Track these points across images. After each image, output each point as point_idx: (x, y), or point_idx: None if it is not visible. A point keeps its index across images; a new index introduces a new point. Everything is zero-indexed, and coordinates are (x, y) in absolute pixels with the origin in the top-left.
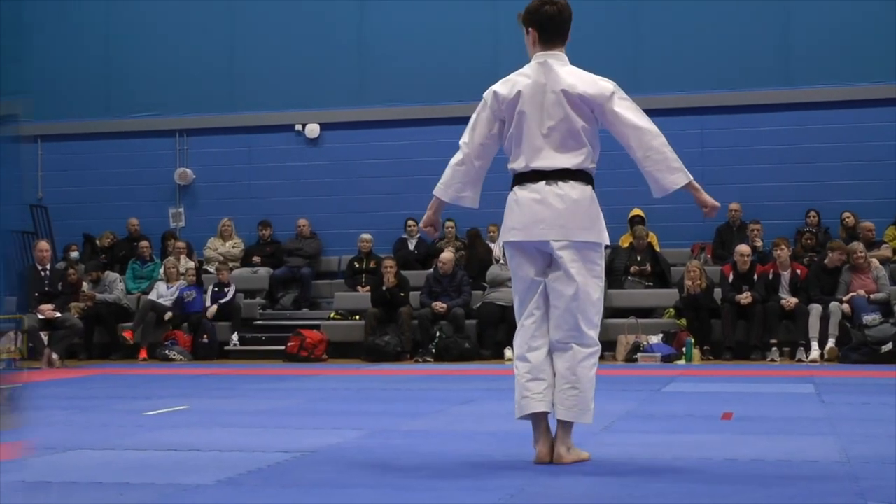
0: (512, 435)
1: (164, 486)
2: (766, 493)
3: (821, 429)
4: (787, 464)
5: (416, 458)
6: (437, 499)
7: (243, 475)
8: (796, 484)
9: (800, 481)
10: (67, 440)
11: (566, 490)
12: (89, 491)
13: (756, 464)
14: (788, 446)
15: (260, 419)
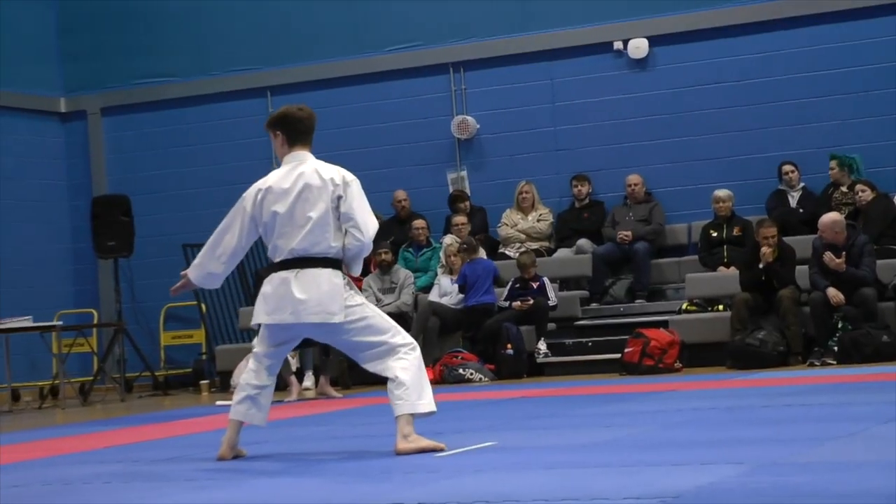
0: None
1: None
2: None
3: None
4: None
5: (829, 500)
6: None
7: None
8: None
9: None
10: (342, 494)
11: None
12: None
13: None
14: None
15: (595, 455)
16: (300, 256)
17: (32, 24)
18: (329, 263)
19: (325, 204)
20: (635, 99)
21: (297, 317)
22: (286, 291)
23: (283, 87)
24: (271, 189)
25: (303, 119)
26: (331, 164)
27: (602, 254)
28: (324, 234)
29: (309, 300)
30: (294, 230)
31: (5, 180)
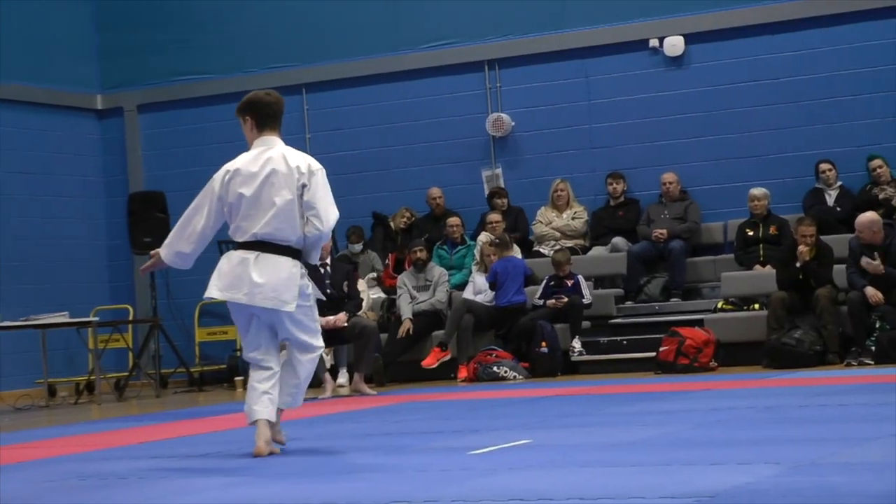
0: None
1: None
2: None
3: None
4: None
5: (867, 501)
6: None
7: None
8: None
9: None
10: (375, 492)
11: None
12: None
13: None
14: None
15: (630, 454)
16: (263, 240)
17: (70, 22)
18: (289, 252)
19: (290, 191)
20: (671, 97)
21: (250, 298)
22: (243, 272)
23: (318, 85)
24: (239, 171)
25: (270, 104)
26: (298, 151)
27: (637, 252)
28: (288, 221)
29: (265, 284)
30: (259, 214)
31: (43, 176)
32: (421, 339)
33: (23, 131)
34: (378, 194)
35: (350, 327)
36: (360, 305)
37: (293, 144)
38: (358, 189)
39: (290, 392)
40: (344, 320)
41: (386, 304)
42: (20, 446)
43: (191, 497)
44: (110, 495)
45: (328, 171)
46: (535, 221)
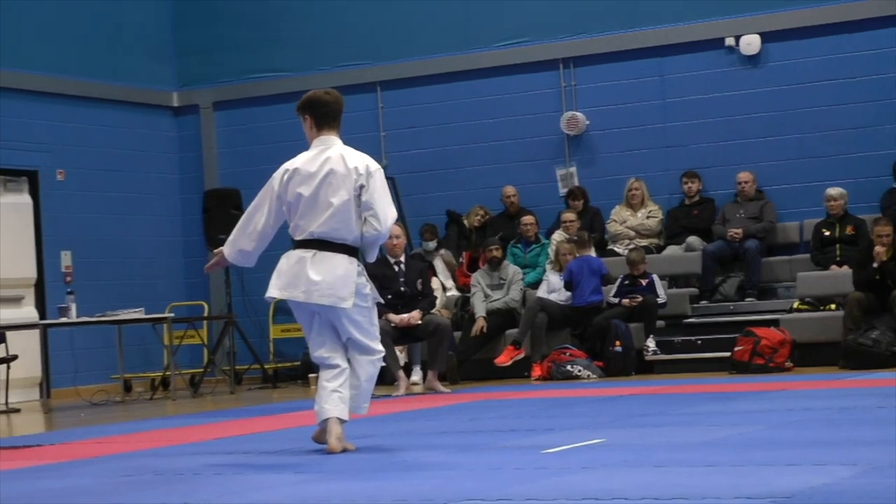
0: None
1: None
2: None
3: None
4: None
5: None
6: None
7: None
8: None
9: None
10: (448, 489)
11: None
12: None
13: None
14: None
15: (705, 454)
16: (320, 239)
17: (147, 20)
18: (346, 250)
19: (348, 192)
20: (747, 95)
21: (308, 296)
22: (301, 270)
23: (392, 83)
24: (298, 171)
25: (329, 103)
26: (356, 150)
27: (712, 251)
28: (344, 220)
29: (322, 282)
30: (316, 214)
31: (120, 173)
32: (494, 337)
33: (100, 128)
34: (452, 192)
35: (424, 325)
36: (434, 303)
37: (368, 142)
38: (432, 187)
39: (351, 395)
40: (418, 318)
41: (460, 302)
42: (96, 441)
43: (264, 493)
44: (184, 490)
45: (402, 170)
46: (610, 220)
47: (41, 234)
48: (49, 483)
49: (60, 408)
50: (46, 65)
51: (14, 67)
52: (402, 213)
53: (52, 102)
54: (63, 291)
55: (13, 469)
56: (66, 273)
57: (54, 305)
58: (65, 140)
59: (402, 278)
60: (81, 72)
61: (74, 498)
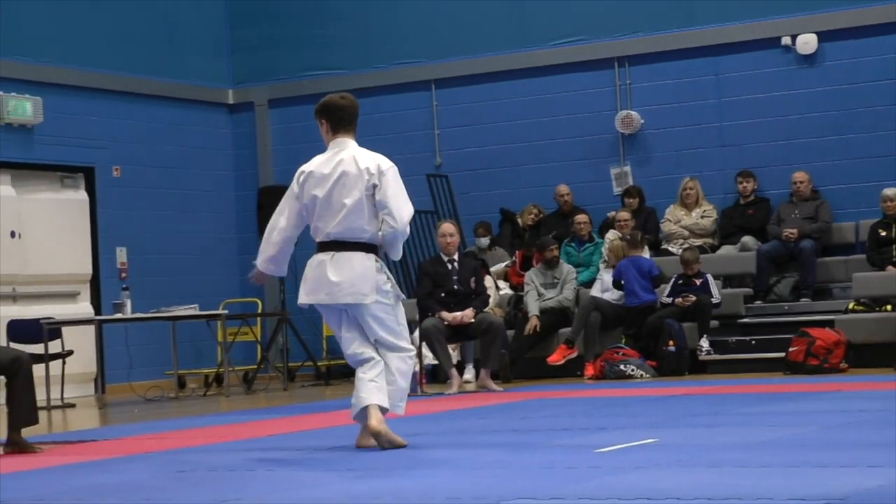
0: None
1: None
2: None
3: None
4: None
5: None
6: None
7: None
8: None
9: None
10: (501, 488)
11: None
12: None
13: None
14: None
15: (758, 454)
16: (336, 240)
17: (203, 18)
18: (364, 248)
19: (360, 192)
20: (803, 95)
21: (332, 298)
22: (322, 273)
23: (446, 81)
24: (312, 173)
25: (345, 107)
26: (372, 152)
27: (767, 251)
28: (358, 220)
29: (342, 282)
30: (331, 214)
31: (174, 170)
32: (547, 336)
33: (156, 125)
34: (506, 191)
35: (477, 323)
36: (487, 301)
37: (421, 140)
38: (486, 185)
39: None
40: (471, 316)
41: (513, 301)
42: (149, 437)
43: (315, 490)
44: (236, 487)
45: (456, 168)
46: (664, 220)
47: (97, 231)
48: (103, 478)
49: (115, 403)
50: (103, 62)
51: (71, 65)
52: (455, 211)
53: (108, 99)
54: (118, 287)
55: (68, 464)
56: (121, 269)
57: (109, 301)
58: (121, 137)
59: (456, 276)
60: (138, 69)
61: (128, 493)
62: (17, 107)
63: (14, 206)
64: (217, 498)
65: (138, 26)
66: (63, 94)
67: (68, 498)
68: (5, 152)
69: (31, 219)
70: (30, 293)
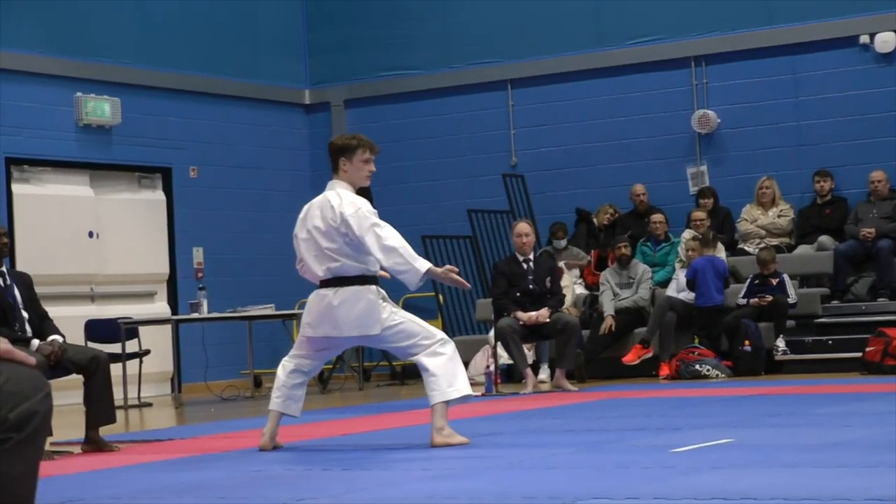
0: None
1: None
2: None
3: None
4: None
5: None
6: None
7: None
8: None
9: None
10: (576, 488)
11: None
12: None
13: None
14: None
15: (835, 455)
16: (336, 276)
17: (280, 18)
18: (366, 280)
19: (333, 239)
20: (881, 94)
21: (339, 331)
22: (326, 308)
23: (523, 81)
24: (305, 213)
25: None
26: (342, 193)
27: (844, 251)
28: (347, 259)
29: (347, 316)
30: (321, 255)
31: (252, 170)
32: (622, 335)
33: (233, 125)
34: (581, 190)
35: (552, 323)
36: (563, 301)
37: (498, 140)
38: (561, 185)
39: (430, 387)
40: (546, 316)
41: (588, 301)
42: (226, 436)
43: (391, 490)
44: (312, 486)
45: (532, 167)
46: (741, 219)
47: (174, 231)
48: (179, 477)
49: (191, 402)
50: (181, 62)
51: (149, 65)
52: (531, 211)
53: (185, 100)
54: (195, 287)
55: (145, 462)
56: (197, 269)
57: (186, 301)
58: (198, 137)
59: (531, 276)
60: (215, 69)
61: (204, 492)
62: (95, 108)
63: (92, 207)
64: (293, 497)
65: (216, 27)
66: (141, 94)
67: (146, 496)
68: (84, 153)
69: (108, 219)
70: (107, 293)
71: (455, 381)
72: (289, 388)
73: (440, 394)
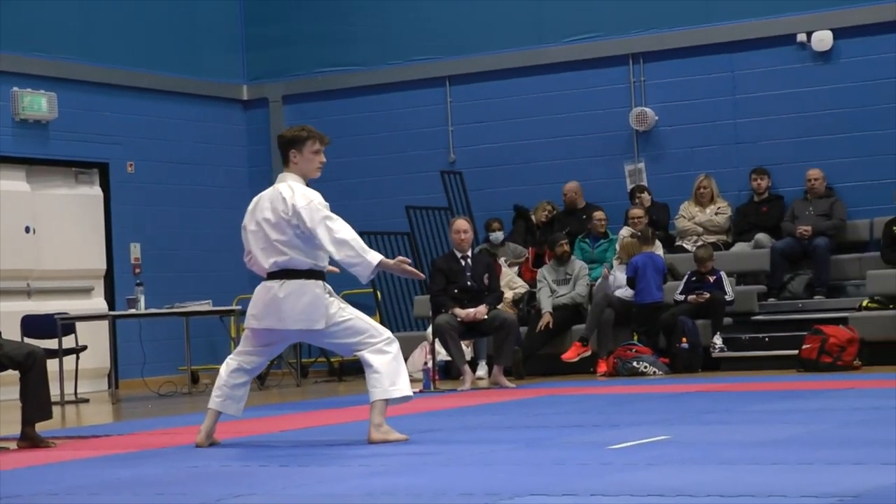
0: None
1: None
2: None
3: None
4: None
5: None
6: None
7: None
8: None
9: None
10: (514, 484)
11: None
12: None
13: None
14: None
15: (772, 452)
16: (283, 269)
17: (218, 13)
18: (313, 275)
19: (283, 231)
20: (818, 92)
21: (283, 323)
22: (272, 300)
23: (461, 77)
24: (255, 205)
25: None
26: (293, 185)
27: (781, 248)
28: (295, 252)
29: (292, 309)
30: (269, 248)
31: (188, 166)
32: (560, 332)
33: (170, 121)
34: (519, 187)
35: (490, 320)
36: (501, 298)
37: (436, 137)
38: (500, 182)
39: (371, 384)
40: (484, 313)
41: (526, 298)
42: (163, 432)
43: (330, 486)
44: (250, 482)
45: (470, 164)
46: (678, 216)
47: (111, 226)
48: (116, 473)
49: (128, 398)
50: (118, 57)
51: (86, 60)
52: (469, 208)
53: (123, 95)
54: (132, 283)
55: (81, 459)
56: (134, 265)
57: (123, 297)
58: (135, 133)
59: (469, 273)
60: (153, 64)
61: (141, 488)
62: (31, 102)
63: (29, 202)
64: (230, 493)
65: (154, 21)
66: (78, 89)
67: (82, 493)
68: (20, 148)
69: (45, 214)
70: (44, 288)
71: (397, 381)
72: (230, 388)
73: (381, 391)
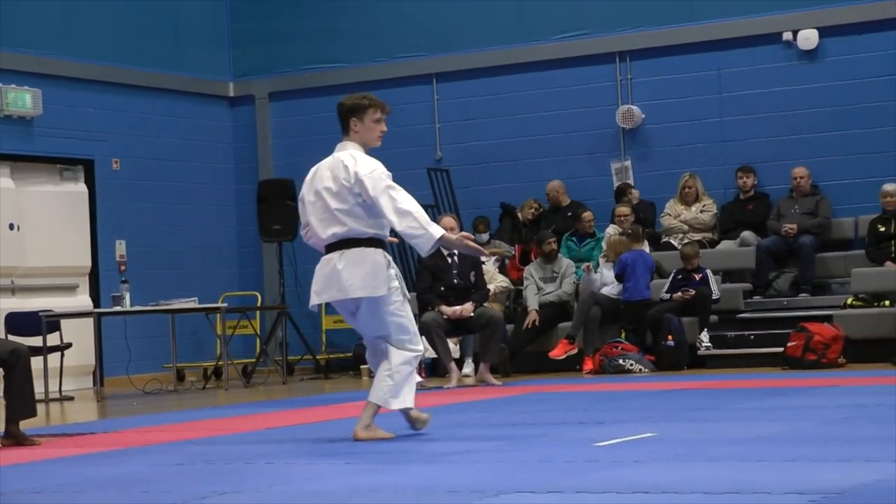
0: None
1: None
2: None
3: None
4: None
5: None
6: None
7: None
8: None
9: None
10: (499, 481)
11: None
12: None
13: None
14: None
15: (757, 449)
16: (342, 239)
17: (205, 10)
18: (373, 243)
19: (345, 200)
20: (804, 91)
21: (344, 293)
22: (332, 271)
23: (448, 75)
24: (314, 174)
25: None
26: (355, 154)
27: (766, 246)
28: (356, 221)
29: (352, 277)
30: (329, 218)
31: (174, 163)
32: (547, 330)
33: (156, 118)
34: (506, 185)
35: (476, 317)
36: (487, 296)
37: (422, 134)
38: (486, 179)
39: (378, 383)
40: (470, 310)
41: (512, 295)
42: (148, 429)
43: (315, 483)
44: (235, 479)
45: (456, 161)
46: (664, 214)
47: (96, 223)
48: (101, 471)
49: (113, 396)
50: (103, 54)
51: (71, 57)
52: (455, 205)
53: (108, 91)
54: (117, 280)
55: (66, 456)
56: (120, 262)
57: (108, 294)
58: (120, 129)
59: (455, 270)
60: (138, 61)
61: (126, 486)
62: (16, 98)
63: (13, 199)
64: (215, 490)
65: (139, 18)
66: (62, 86)
67: (67, 490)
68: (4, 144)
69: (30, 211)
70: (28, 286)
71: (400, 394)
72: (378, 378)
73: (382, 399)
